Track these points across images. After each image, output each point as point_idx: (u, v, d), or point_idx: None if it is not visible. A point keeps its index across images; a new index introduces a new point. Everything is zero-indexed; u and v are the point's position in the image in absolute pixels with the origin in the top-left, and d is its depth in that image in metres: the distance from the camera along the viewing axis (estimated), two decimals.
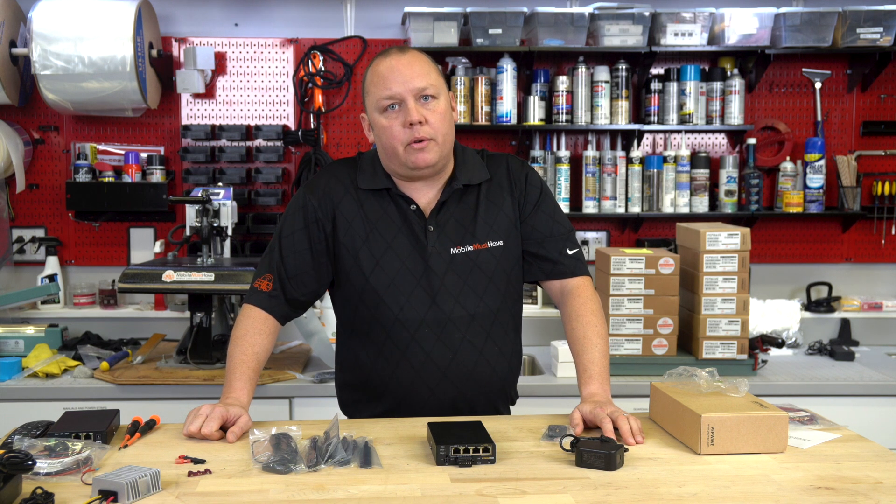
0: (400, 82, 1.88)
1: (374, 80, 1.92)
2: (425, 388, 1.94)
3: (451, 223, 1.97)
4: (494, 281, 1.97)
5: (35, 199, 3.61)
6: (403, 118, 1.88)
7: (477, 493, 1.48)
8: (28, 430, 1.76)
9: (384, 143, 1.93)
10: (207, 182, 3.53)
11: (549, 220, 2.03)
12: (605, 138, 3.61)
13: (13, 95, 3.38)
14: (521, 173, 2.04)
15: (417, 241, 1.95)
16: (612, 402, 1.88)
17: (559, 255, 2.02)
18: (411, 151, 1.90)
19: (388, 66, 1.90)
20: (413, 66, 1.90)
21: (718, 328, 2.95)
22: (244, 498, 1.46)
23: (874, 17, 3.42)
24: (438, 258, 1.94)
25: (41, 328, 3.27)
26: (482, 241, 1.97)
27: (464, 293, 1.94)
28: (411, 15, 3.40)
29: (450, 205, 1.98)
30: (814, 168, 3.57)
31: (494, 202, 2.01)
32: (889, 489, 1.51)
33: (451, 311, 1.94)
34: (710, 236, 2.93)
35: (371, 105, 1.94)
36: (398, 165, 1.94)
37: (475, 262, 1.96)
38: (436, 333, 1.94)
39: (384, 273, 1.93)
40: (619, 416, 1.77)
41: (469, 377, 1.96)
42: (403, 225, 1.96)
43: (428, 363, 1.94)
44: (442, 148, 1.92)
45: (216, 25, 3.62)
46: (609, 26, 3.42)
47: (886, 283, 3.76)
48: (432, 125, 1.89)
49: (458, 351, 1.94)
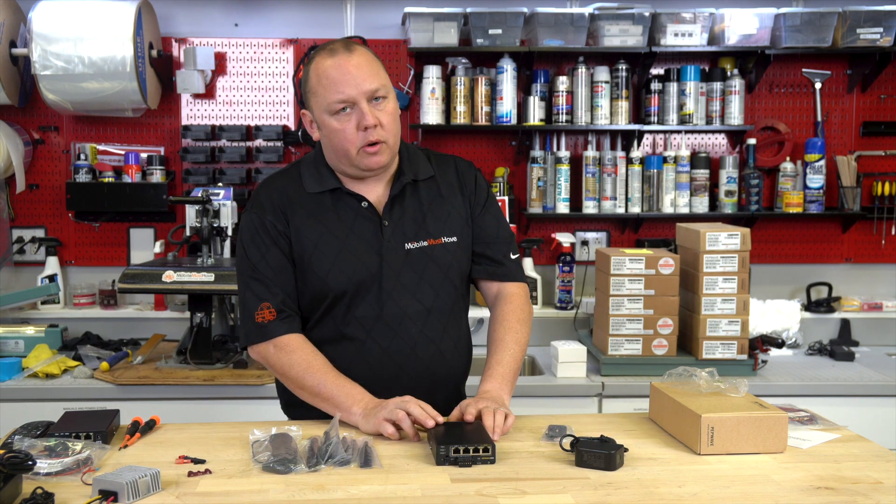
0: (352, 85, 1.84)
1: (323, 81, 1.87)
2: (381, 384, 1.92)
3: (405, 218, 1.96)
4: (449, 276, 1.98)
5: (35, 199, 3.61)
6: (357, 121, 1.86)
7: (477, 493, 1.48)
8: (28, 430, 1.76)
9: (335, 144, 1.90)
10: (207, 182, 3.53)
11: (496, 223, 2.06)
12: (605, 138, 3.61)
13: (13, 95, 3.38)
14: (470, 174, 2.06)
15: (372, 237, 1.94)
16: (501, 401, 1.86)
17: (503, 257, 2.05)
18: (364, 155, 1.88)
19: (338, 66, 1.85)
20: (362, 67, 1.86)
21: (718, 328, 2.95)
22: (244, 498, 1.46)
23: (874, 17, 3.42)
24: (393, 253, 1.94)
25: (41, 328, 3.27)
26: (436, 237, 1.97)
27: (420, 288, 1.94)
28: (411, 15, 3.40)
29: (401, 199, 1.98)
30: (814, 168, 3.57)
31: (445, 198, 2.01)
32: (889, 489, 1.51)
33: (408, 305, 1.93)
34: (710, 236, 2.93)
35: (319, 106, 1.89)
36: (348, 166, 1.93)
37: (430, 256, 1.95)
38: (392, 329, 1.93)
39: (341, 273, 1.91)
40: (488, 411, 1.76)
41: (426, 372, 1.95)
42: (356, 223, 1.95)
43: (384, 358, 1.93)
44: (392, 149, 1.93)
45: (216, 25, 3.62)
46: (609, 26, 3.42)
47: (886, 284, 3.76)
48: (385, 127, 1.88)
49: (415, 345, 1.94)
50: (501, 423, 1.74)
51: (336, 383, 1.87)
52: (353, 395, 1.86)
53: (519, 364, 1.99)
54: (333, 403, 1.86)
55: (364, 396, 1.85)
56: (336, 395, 1.86)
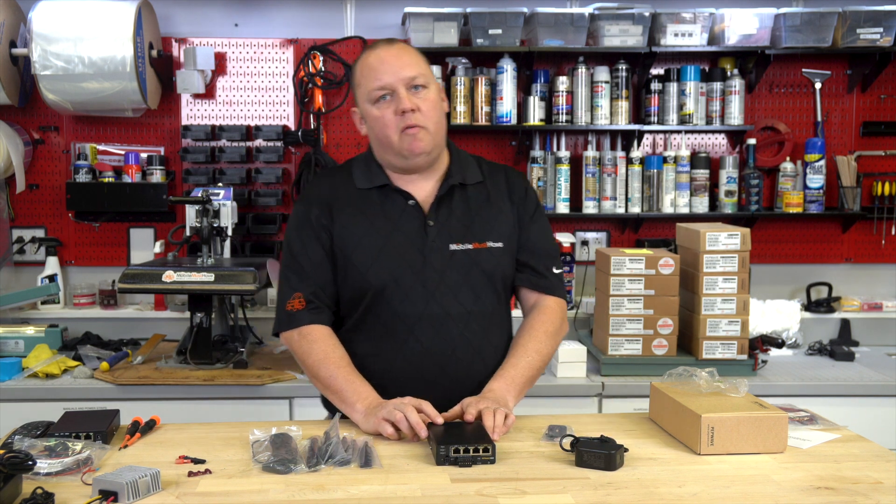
0: (390, 73, 1.91)
1: (365, 72, 1.95)
2: (422, 383, 1.94)
3: (452, 219, 1.98)
4: (493, 281, 1.98)
5: (35, 199, 3.61)
6: (395, 107, 1.91)
7: (477, 493, 1.48)
8: (28, 430, 1.76)
9: (377, 133, 1.95)
10: (207, 182, 3.53)
11: (542, 235, 2.07)
12: (605, 138, 3.61)
13: (13, 96, 3.38)
14: (521, 183, 2.08)
15: (416, 235, 1.95)
16: (504, 401, 1.85)
17: (546, 269, 2.06)
18: (405, 138, 1.92)
19: (378, 57, 1.93)
20: (402, 56, 1.93)
21: (718, 328, 2.95)
22: (244, 498, 1.46)
23: (874, 17, 3.42)
24: (437, 253, 1.94)
25: (41, 328, 3.27)
26: (482, 241, 1.98)
27: (463, 290, 1.95)
28: (411, 15, 3.40)
29: (448, 200, 1.99)
30: (814, 168, 3.57)
31: (494, 204, 2.02)
32: (889, 489, 1.51)
33: (451, 306, 1.94)
34: (710, 236, 2.93)
35: (362, 97, 1.96)
36: (393, 155, 1.96)
37: (474, 259, 1.96)
38: (435, 328, 1.93)
39: (382, 269, 1.93)
40: (488, 411, 1.75)
41: (465, 374, 1.95)
42: (401, 220, 1.97)
43: (425, 358, 1.94)
44: (434, 137, 1.94)
45: (216, 25, 3.62)
46: (609, 26, 3.42)
47: (886, 284, 3.76)
48: (424, 113, 1.92)
49: (456, 347, 1.95)
50: (501, 423, 1.74)
51: (347, 378, 1.89)
52: (359, 392, 1.86)
53: (534, 373, 1.96)
54: (340, 398, 1.89)
55: (370, 395, 1.86)
56: (344, 390, 1.88)
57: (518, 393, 1.92)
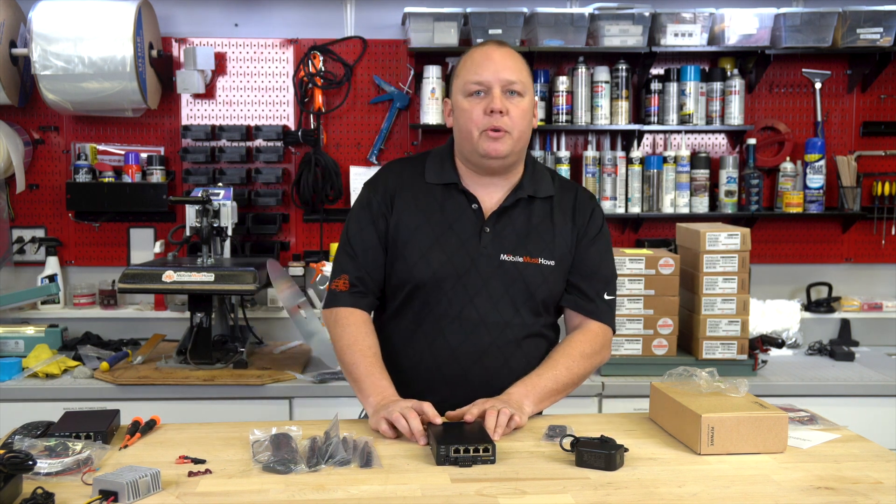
0: (491, 71, 1.92)
1: (467, 64, 1.96)
2: (445, 386, 1.94)
3: (508, 230, 1.98)
4: (536, 296, 1.97)
5: (35, 199, 3.61)
6: (486, 104, 1.91)
7: (477, 493, 1.48)
8: (28, 430, 1.76)
9: (462, 125, 1.95)
10: (207, 182, 3.53)
11: (600, 259, 2.04)
12: (605, 138, 3.61)
13: (13, 95, 3.38)
14: (589, 204, 2.06)
15: (469, 239, 1.96)
16: (518, 405, 1.83)
17: (596, 294, 2.03)
18: (485, 138, 1.92)
19: (485, 54, 1.94)
20: (506, 59, 1.93)
21: (718, 328, 2.95)
22: (244, 498, 1.46)
23: (874, 17, 3.42)
24: (487, 260, 1.94)
25: (41, 328, 3.27)
26: (534, 256, 1.97)
27: (503, 300, 1.94)
28: (411, 15, 3.40)
29: (511, 211, 1.99)
30: (814, 168, 3.57)
31: (555, 222, 2.01)
32: (889, 489, 1.51)
33: (488, 314, 1.93)
34: (710, 236, 2.93)
35: (457, 88, 1.97)
36: (470, 151, 1.96)
37: (522, 273, 1.95)
38: (466, 332, 1.93)
39: (428, 265, 1.94)
40: (492, 410, 1.75)
41: (490, 383, 1.93)
42: (458, 221, 1.97)
43: (452, 360, 1.94)
44: (515, 144, 1.94)
45: (216, 25, 3.62)
46: (609, 26, 3.42)
47: (886, 284, 3.76)
48: (512, 118, 1.92)
49: (484, 354, 1.94)
50: (504, 424, 1.74)
51: (368, 370, 1.90)
52: (376, 386, 1.87)
53: (559, 387, 1.93)
54: (358, 387, 1.91)
55: (385, 391, 1.86)
56: (362, 380, 1.89)
57: (537, 401, 1.89)
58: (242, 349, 3.10)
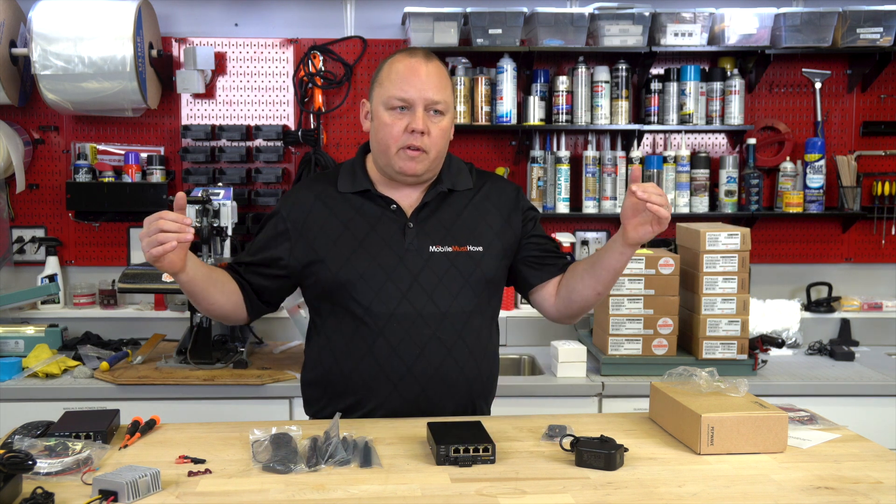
0: (417, 88, 1.90)
1: (392, 76, 1.93)
2: (388, 384, 1.94)
3: (432, 222, 1.99)
4: (471, 283, 1.98)
5: (35, 199, 3.61)
6: (407, 122, 1.90)
7: (477, 493, 1.48)
8: (28, 430, 1.76)
9: (380, 138, 1.95)
10: (207, 182, 3.53)
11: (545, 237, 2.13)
12: (605, 138, 3.61)
13: (13, 95, 3.38)
14: (510, 190, 2.10)
15: (392, 237, 1.96)
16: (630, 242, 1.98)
17: (557, 255, 2.11)
18: (402, 157, 1.92)
19: (411, 68, 1.91)
20: (432, 77, 1.91)
21: (718, 328, 2.95)
22: (244, 498, 1.46)
23: (874, 17, 3.42)
24: (415, 255, 1.95)
25: (41, 328, 3.27)
26: (462, 244, 1.99)
27: (438, 291, 1.95)
28: (411, 15, 3.40)
29: (432, 206, 2.01)
30: (814, 168, 3.57)
31: (479, 211, 2.03)
32: (889, 489, 1.51)
33: (423, 307, 1.94)
34: (710, 236, 2.93)
35: (379, 97, 1.94)
36: (385, 164, 1.97)
37: (453, 262, 1.97)
38: (404, 328, 1.93)
39: (353, 269, 1.94)
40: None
41: (434, 375, 1.95)
42: (378, 222, 1.98)
43: (393, 357, 1.94)
44: (432, 162, 1.96)
45: (216, 25, 3.62)
46: (609, 26, 3.42)
47: (886, 283, 3.76)
48: (432, 139, 1.92)
49: (425, 347, 1.94)
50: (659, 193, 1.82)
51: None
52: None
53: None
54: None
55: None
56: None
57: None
58: (242, 349, 3.11)
